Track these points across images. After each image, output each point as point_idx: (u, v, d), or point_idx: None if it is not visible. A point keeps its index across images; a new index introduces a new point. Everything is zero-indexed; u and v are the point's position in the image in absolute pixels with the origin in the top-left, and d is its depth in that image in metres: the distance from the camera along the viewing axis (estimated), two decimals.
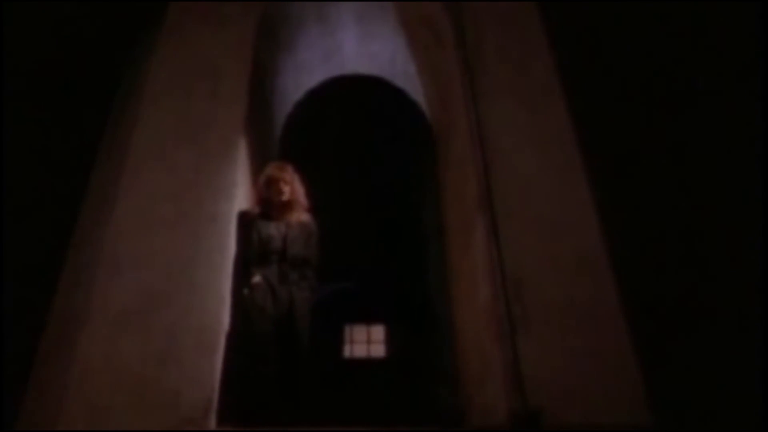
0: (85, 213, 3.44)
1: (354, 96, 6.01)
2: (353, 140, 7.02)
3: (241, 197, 3.60)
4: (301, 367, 3.22)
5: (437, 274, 5.20)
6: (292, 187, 3.69)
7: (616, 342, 2.86)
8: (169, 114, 3.63)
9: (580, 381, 2.78)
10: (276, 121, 5.04)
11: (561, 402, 2.73)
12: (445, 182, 4.62)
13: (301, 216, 3.67)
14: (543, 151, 3.47)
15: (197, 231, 3.23)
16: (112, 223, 3.23)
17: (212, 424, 2.74)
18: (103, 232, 3.22)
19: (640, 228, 3.22)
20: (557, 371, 2.82)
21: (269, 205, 3.64)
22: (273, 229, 3.54)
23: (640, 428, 2.65)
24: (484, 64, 3.81)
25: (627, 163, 3.41)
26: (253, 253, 3.44)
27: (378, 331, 9.76)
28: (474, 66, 3.81)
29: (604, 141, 3.46)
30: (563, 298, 3.02)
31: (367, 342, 9.68)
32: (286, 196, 3.65)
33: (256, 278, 3.36)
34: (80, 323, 2.95)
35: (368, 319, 9.78)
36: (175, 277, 3.08)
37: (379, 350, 9.61)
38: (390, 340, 9.62)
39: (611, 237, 3.15)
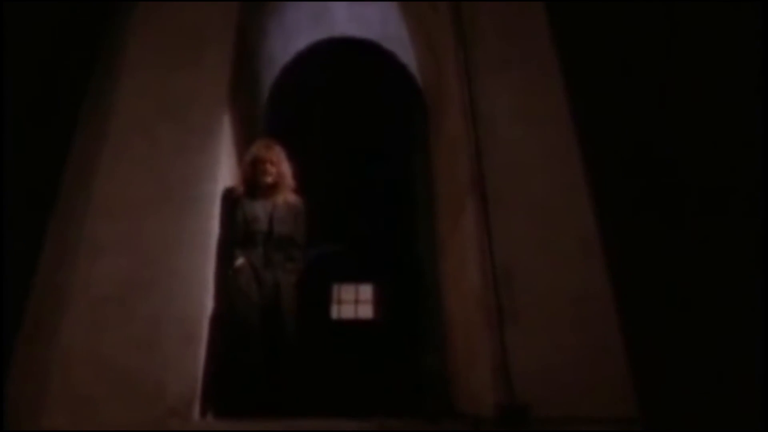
0: (65, 191, 3.31)
1: (344, 60, 5.83)
2: (343, 105, 6.86)
3: (226, 176, 3.49)
4: (288, 356, 3.18)
5: (427, 243, 5.15)
6: (279, 168, 3.57)
7: (606, 335, 2.84)
8: (150, 87, 3.48)
9: (568, 374, 2.76)
10: (262, 87, 4.86)
11: (548, 396, 2.72)
12: (436, 153, 4.52)
13: (288, 196, 3.57)
14: (538, 133, 3.37)
15: (180, 212, 3.13)
16: (92, 205, 3.14)
17: (196, 415, 2.71)
18: (83, 214, 3.12)
19: (636, 217, 3.14)
20: (545, 364, 2.80)
21: (255, 185, 3.53)
22: (259, 209, 3.44)
23: (628, 422, 2.65)
24: (480, 39, 3.66)
25: (625, 149, 3.31)
26: (237, 234, 3.35)
27: (366, 291, 9.76)
28: (470, 40, 3.66)
29: (602, 125, 3.34)
30: (554, 287, 2.98)
31: (355, 302, 9.69)
32: (272, 178, 3.54)
33: (240, 261, 3.28)
34: (61, 310, 2.89)
35: (357, 279, 9.76)
36: (157, 262, 3.00)
37: (367, 311, 9.64)
38: (379, 300, 9.63)
39: (605, 226, 3.09)
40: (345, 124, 7.20)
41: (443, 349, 4.04)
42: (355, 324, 9.48)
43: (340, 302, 9.73)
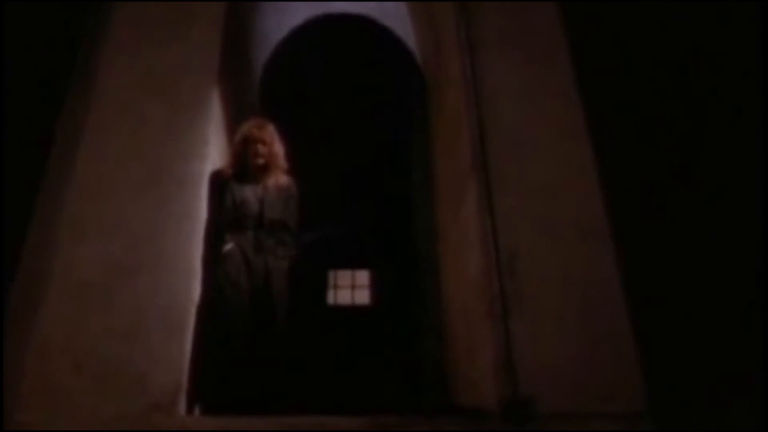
0: (50, 176, 3.12)
1: (340, 37, 5.63)
2: (339, 84, 6.65)
3: (215, 156, 3.32)
4: (279, 346, 3.02)
5: (426, 227, 5.00)
6: (271, 150, 3.39)
7: (615, 325, 2.69)
8: (136, 63, 3.29)
9: (574, 367, 2.62)
10: (255, 66, 4.68)
11: (554, 389, 2.56)
12: (436, 133, 4.35)
13: (279, 178, 3.39)
14: (544, 111, 3.20)
15: (166, 195, 2.96)
16: (73, 187, 2.96)
17: (181, 409, 2.56)
18: (64, 196, 2.95)
19: (646, 200, 2.98)
20: (551, 356, 2.64)
21: (245, 166, 3.35)
22: (249, 192, 3.27)
23: (637, 417, 2.51)
24: (482, 13, 3.47)
25: (634, 127, 3.14)
26: (226, 218, 3.19)
27: (363, 276, 9.59)
28: (472, 13, 3.48)
29: (611, 102, 3.18)
30: (560, 274, 2.82)
31: (351, 287, 9.52)
32: (263, 159, 3.36)
33: (229, 246, 3.11)
34: (38, 297, 2.72)
35: (353, 264, 9.58)
36: (141, 247, 2.83)
37: (363, 296, 9.47)
38: (375, 286, 9.46)
39: (614, 208, 2.93)
40: (341, 103, 7.00)
41: (442, 338, 3.90)
42: (352, 310, 9.33)
43: (336, 288, 9.57)
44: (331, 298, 9.49)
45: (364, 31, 5.11)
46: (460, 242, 3.45)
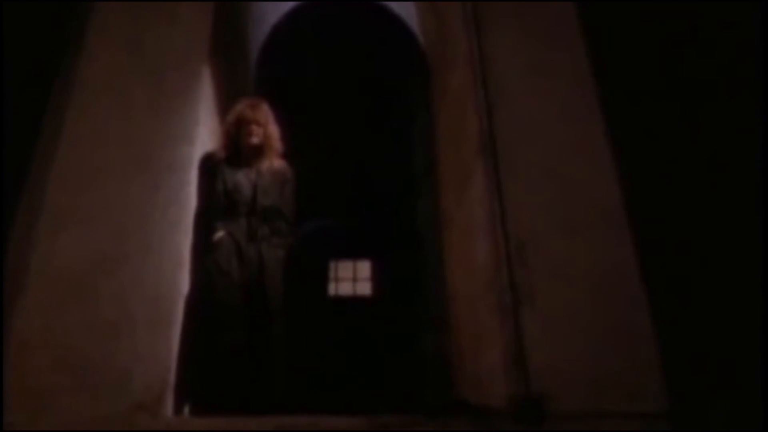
0: (36, 162, 2.95)
1: (339, 18, 5.44)
2: (338, 66, 6.47)
3: (205, 139, 3.15)
4: (273, 341, 2.85)
5: (429, 215, 4.84)
6: (266, 130, 3.22)
7: (634, 318, 2.51)
8: (120, 42, 3.09)
9: (590, 363, 2.44)
10: (250, 47, 4.50)
11: (568, 387, 2.40)
12: (441, 116, 4.18)
13: (274, 162, 3.22)
14: (556, 92, 3.01)
15: (153, 181, 2.77)
16: (54, 172, 2.78)
17: (167, 409, 2.40)
18: (45, 183, 2.77)
19: (664, 185, 2.80)
20: (565, 351, 2.47)
21: (238, 149, 3.18)
22: (241, 177, 3.10)
23: (657, 418, 2.34)
24: None
25: (650, 110, 2.96)
26: (217, 204, 3.01)
27: (364, 268, 9.44)
28: None
29: (625, 83, 3.00)
30: (574, 264, 2.64)
31: (353, 279, 9.37)
32: (258, 141, 3.18)
33: (220, 234, 2.94)
34: (16, 289, 2.54)
35: (354, 256, 9.42)
36: (126, 236, 2.65)
37: (365, 288, 9.32)
38: (377, 277, 9.30)
39: (631, 194, 2.75)
40: (340, 88, 6.82)
41: (447, 332, 3.73)
42: (353, 301, 9.18)
43: (337, 280, 9.43)
44: (332, 290, 9.35)
45: (364, 12, 4.92)
46: (466, 231, 3.28)
